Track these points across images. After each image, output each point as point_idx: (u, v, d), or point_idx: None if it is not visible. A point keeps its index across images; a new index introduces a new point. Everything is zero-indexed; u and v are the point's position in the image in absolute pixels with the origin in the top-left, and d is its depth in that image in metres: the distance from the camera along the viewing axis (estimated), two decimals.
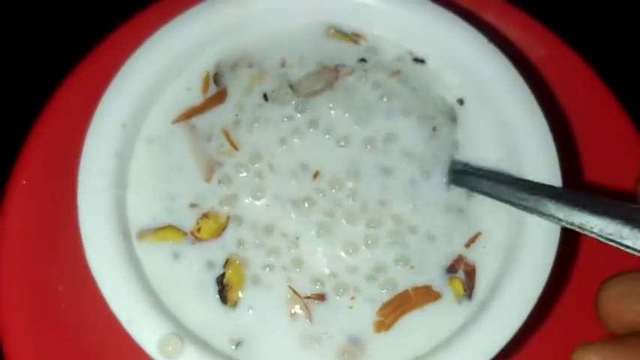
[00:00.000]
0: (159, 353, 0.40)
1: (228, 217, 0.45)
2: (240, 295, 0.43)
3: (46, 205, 0.49)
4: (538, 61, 0.54)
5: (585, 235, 0.40)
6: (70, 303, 0.47)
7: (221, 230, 0.45)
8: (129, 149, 0.46)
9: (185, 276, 0.44)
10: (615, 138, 0.51)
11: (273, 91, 0.47)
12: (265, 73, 0.48)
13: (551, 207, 0.41)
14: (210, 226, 0.45)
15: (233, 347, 0.43)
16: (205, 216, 0.45)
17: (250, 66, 0.49)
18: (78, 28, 0.58)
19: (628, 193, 0.49)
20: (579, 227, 0.40)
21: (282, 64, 0.48)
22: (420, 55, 0.50)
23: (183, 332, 0.42)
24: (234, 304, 0.43)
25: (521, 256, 0.43)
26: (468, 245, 0.45)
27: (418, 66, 0.50)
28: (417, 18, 0.49)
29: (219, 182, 0.45)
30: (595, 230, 0.39)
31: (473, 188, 0.45)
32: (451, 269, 0.44)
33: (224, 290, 0.43)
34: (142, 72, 0.47)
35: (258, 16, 0.49)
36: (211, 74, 0.49)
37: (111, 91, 0.46)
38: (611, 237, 0.39)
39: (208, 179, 0.45)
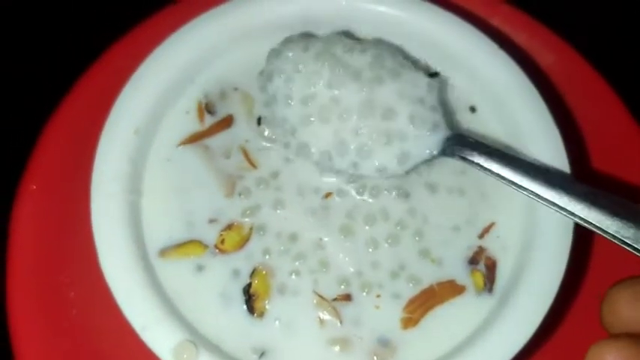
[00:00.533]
0: None
1: (251, 228, 0.45)
2: (267, 305, 0.44)
3: (56, 211, 0.49)
4: (545, 65, 0.54)
5: (598, 234, 0.40)
6: (81, 309, 0.47)
7: (244, 241, 0.45)
8: (142, 156, 0.46)
9: (208, 287, 0.44)
10: (623, 141, 0.52)
11: (266, 116, 0.48)
12: (251, 96, 0.49)
13: (568, 200, 0.40)
14: (233, 237, 0.45)
15: (256, 357, 0.43)
16: (229, 228, 0.45)
17: (235, 89, 0.49)
18: (90, 32, 0.57)
19: (634, 195, 0.50)
20: (594, 225, 0.39)
21: (263, 73, 0.49)
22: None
23: (200, 340, 0.42)
24: (261, 315, 0.44)
25: (536, 247, 0.44)
26: (482, 236, 0.46)
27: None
28: (427, 23, 0.50)
29: (240, 194, 0.46)
30: (610, 230, 0.39)
31: (481, 166, 0.43)
32: (472, 261, 0.45)
33: (251, 300, 0.44)
34: (155, 78, 0.47)
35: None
36: (203, 104, 0.49)
37: (123, 97, 0.46)
38: (626, 240, 0.38)
39: (229, 194, 0.46)
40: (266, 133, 0.48)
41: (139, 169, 0.46)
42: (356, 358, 0.43)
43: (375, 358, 0.43)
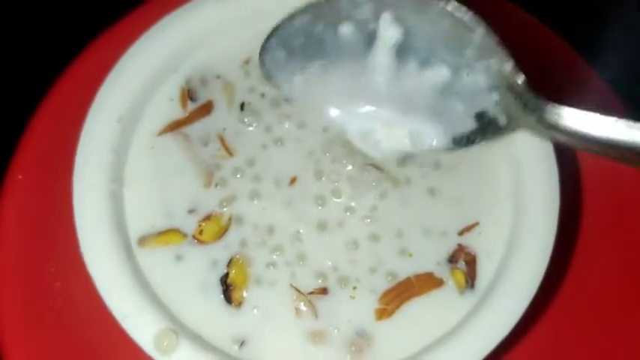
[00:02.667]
0: (154, 349, 0.41)
1: (229, 219, 0.45)
2: (245, 294, 0.44)
3: (42, 201, 0.49)
4: (533, 56, 0.54)
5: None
6: (67, 299, 0.47)
7: (223, 232, 0.45)
8: (125, 145, 0.46)
9: (188, 277, 0.44)
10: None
11: (250, 103, 0.48)
12: (232, 84, 0.48)
13: None
14: (212, 228, 0.45)
15: (237, 347, 0.43)
16: (207, 218, 0.45)
17: (218, 77, 0.49)
18: (74, 25, 0.58)
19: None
20: None
21: (247, 62, 0.49)
22: None
23: (180, 329, 0.42)
24: (239, 304, 0.44)
25: (519, 244, 0.43)
26: (462, 233, 0.45)
27: None
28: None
29: (217, 185, 0.46)
30: None
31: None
32: (452, 259, 0.45)
33: (228, 290, 0.44)
34: (138, 67, 0.47)
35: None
36: (185, 91, 0.49)
37: (106, 86, 0.46)
38: None
39: (207, 184, 0.46)
40: (246, 120, 0.47)
41: (122, 158, 0.46)
42: (333, 348, 0.43)
43: (353, 348, 0.43)
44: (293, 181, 0.46)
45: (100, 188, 0.44)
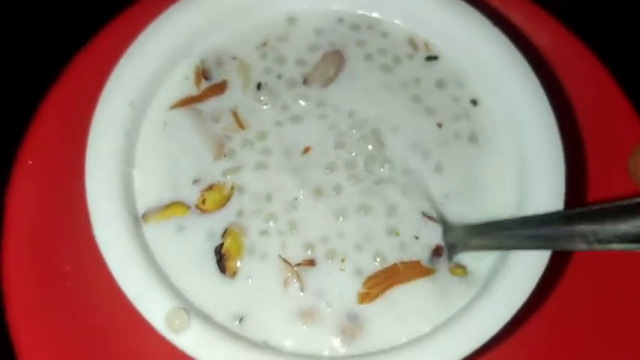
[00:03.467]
0: (166, 327, 0.41)
1: (232, 188, 0.45)
2: (239, 264, 0.44)
3: (52, 185, 0.50)
4: (542, 48, 0.54)
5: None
6: (76, 282, 0.48)
7: (225, 201, 0.45)
8: (136, 128, 0.47)
9: (188, 249, 0.44)
10: (616, 120, 0.52)
11: (267, 83, 0.48)
12: (248, 65, 0.49)
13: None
14: (214, 197, 0.45)
15: (237, 322, 0.43)
16: (210, 188, 0.45)
17: (234, 58, 0.49)
18: (84, 12, 0.58)
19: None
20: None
21: (264, 44, 0.50)
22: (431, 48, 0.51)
23: (188, 306, 0.42)
24: (233, 274, 0.44)
25: None
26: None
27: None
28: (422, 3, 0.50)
29: (225, 156, 0.46)
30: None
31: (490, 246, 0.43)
32: (436, 252, 0.44)
33: (222, 260, 0.44)
34: (151, 50, 0.48)
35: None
36: (200, 69, 0.49)
37: (118, 70, 0.47)
38: None
39: (218, 157, 0.46)
40: (262, 98, 0.48)
41: (133, 139, 0.46)
42: (325, 329, 0.43)
43: (345, 332, 0.42)
44: (307, 150, 0.46)
45: (112, 170, 0.44)
